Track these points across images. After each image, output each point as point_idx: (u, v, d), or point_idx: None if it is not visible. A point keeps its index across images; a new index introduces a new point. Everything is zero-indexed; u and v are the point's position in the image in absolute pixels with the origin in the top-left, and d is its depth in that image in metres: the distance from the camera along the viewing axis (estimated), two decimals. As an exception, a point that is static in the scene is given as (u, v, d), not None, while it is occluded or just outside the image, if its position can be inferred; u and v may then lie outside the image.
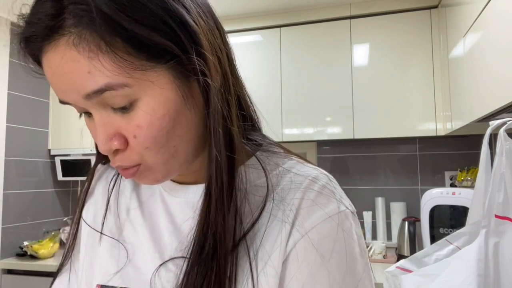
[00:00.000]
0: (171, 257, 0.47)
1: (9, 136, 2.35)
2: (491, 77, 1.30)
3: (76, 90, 0.39)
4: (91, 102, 0.40)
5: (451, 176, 2.30)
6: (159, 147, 0.42)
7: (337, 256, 0.43)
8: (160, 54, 0.40)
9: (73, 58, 0.38)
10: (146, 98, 0.40)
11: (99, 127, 0.41)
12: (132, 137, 0.41)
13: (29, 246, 2.30)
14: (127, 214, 0.54)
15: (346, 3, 2.24)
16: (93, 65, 0.38)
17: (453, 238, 1.07)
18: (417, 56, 2.13)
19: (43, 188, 2.61)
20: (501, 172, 0.92)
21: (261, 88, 2.35)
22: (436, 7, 2.12)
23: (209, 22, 0.45)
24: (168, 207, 0.52)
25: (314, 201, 0.45)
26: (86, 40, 0.37)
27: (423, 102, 2.10)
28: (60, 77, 0.39)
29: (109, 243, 0.53)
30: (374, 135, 2.18)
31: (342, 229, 0.44)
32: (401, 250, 2.10)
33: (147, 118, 0.40)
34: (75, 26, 0.37)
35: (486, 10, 1.33)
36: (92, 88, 0.38)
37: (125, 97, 0.39)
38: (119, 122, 0.41)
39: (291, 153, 0.53)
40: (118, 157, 0.43)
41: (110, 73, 0.38)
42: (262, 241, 0.44)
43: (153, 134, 0.41)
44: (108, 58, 0.38)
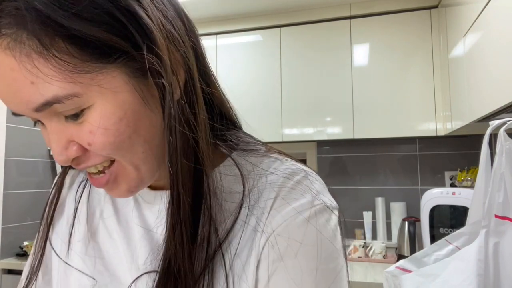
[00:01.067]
0: (144, 268, 0.45)
1: (9, 136, 2.35)
2: (491, 77, 1.30)
3: (23, 103, 0.35)
4: (42, 113, 0.36)
5: (451, 176, 2.30)
6: (124, 152, 0.38)
7: (306, 254, 0.40)
8: (108, 53, 0.35)
9: (11, 66, 0.33)
10: (99, 102, 0.36)
11: (52, 136, 0.38)
12: (86, 144, 0.37)
13: (29, 246, 2.30)
14: (101, 221, 0.51)
15: (346, 3, 2.24)
16: (35, 73, 0.33)
17: (453, 238, 1.07)
18: (417, 56, 2.13)
19: (43, 188, 2.61)
20: (501, 172, 0.92)
21: (261, 88, 2.35)
22: (436, 7, 2.12)
23: (168, 12, 0.40)
24: (142, 214, 0.48)
25: (285, 198, 0.42)
26: (23, 43, 0.33)
27: (423, 102, 2.10)
28: (3, 87, 0.35)
29: (83, 252, 0.49)
30: (374, 135, 2.18)
31: (312, 225, 0.40)
32: (401, 250, 2.10)
33: (102, 124, 0.36)
34: (9, 28, 0.33)
35: (486, 10, 1.33)
36: (39, 102, 0.34)
37: (76, 105, 0.35)
38: (72, 129, 0.37)
39: (271, 149, 0.49)
40: (82, 159, 0.39)
41: (56, 81, 0.34)
42: (237, 251, 0.41)
43: (111, 140, 0.37)
44: (51, 64, 0.33)
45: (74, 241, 0.51)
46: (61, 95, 0.34)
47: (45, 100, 0.34)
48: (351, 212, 2.41)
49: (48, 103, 0.34)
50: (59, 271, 0.50)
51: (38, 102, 0.34)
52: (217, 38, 2.43)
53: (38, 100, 0.34)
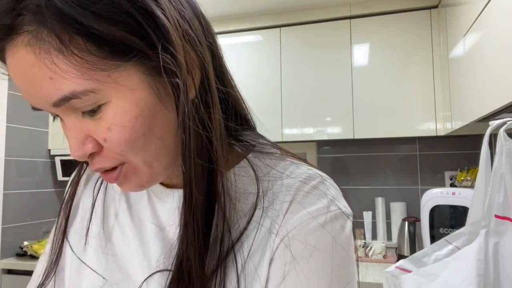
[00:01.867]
0: (158, 265, 0.45)
1: (9, 136, 2.35)
2: (491, 77, 1.30)
3: (42, 97, 0.36)
4: (60, 108, 0.37)
5: (451, 176, 2.30)
6: (137, 150, 0.39)
7: (320, 259, 0.40)
8: (124, 51, 0.36)
9: (32, 62, 0.34)
10: (116, 99, 0.37)
11: (69, 131, 0.39)
12: (102, 140, 0.38)
13: (29, 246, 2.30)
14: (115, 218, 0.51)
15: (346, 3, 2.24)
16: (54, 70, 0.34)
17: (453, 238, 1.07)
18: (417, 56, 2.13)
19: (43, 188, 2.61)
20: (501, 172, 0.92)
21: (261, 88, 2.35)
22: (436, 7, 2.12)
23: (186, 12, 0.40)
24: (156, 211, 0.48)
25: (301, 202, 0.42)
26: (43, 40, 0.34)
27: (423, 102, 2.10)
28: (24, 82, 0.36)
29: (96, 248, 0.50)
30: (374, 135, 2.18)
31: (327, 231, 0.41)
32: (401, 250, 2.10)
33: (118, 121, 0.37)
34: (30, 25, 0.34)
35: (486, 10, 1.33)
36: (57, 97, 0.35)
37: (93, 101, 0.36)
38: (88, 125, 0.38)
39: (287, 153, 0.49)
40: (96, 159, 0.40)
41: (74, 78, 0.35)
42: (250, 253, 0.41)
43: (126, 137, 0.37)
44: (69, 61, 0.34)
45: (88, 237, 0.51)
46: (78, 90, 0.35)
47: (62, 96, 0.35)
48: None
49: (65, 98, 0.35)
50: (71, 269, 0.50)
51: (56, 97, 0.35)
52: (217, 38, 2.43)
53: (56, 95, 0.35)
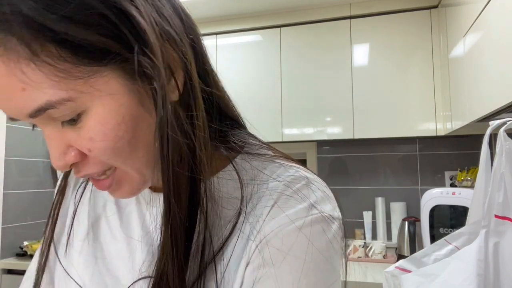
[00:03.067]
0: (140, 274, 0.44)
1: (9, 136, 2.35)
2: (491, 77, 1.30)
3: (17, 109, 0.34)
4: (37, 118, 0.35)
5: (451, 176, 2.30)
6: (124, 158, 0.37)
7: (292, 264, 0.37)
8: (100, 56, 0.33)
9: (1, 73, 0.32)
10: (95, 107, 0.34)
11: (49, 141, 0.37)
12: (86, 150, 0.36)
13: (29, 246, 2.30)
14: (105, 220, 0.50)
15: (346, 3, 2.24)
16: (26, 81, 0.32)
17: (452, 238, 1.07)
18: (417, 56, 2.13)
19: (43, 188, 2.62)
20: (501, 172, 0.92)
21: (261, 88, 2.35)
22: (436, 7, 2.12)
23: (164, 9, 0.38)
24: (143, 215, 0.47)
25: (281, 206, 0.39)
26: (11, 50, 0.31)
27: (423, 102, 2.10)
28: None
29: (84, 251, 0.49)
30: (374, 135, 2.18)
31: (304, 234, 0.38)
32: (401, 250, 2.10)
33: (100, 129, 0.35)
34: None
35: (486, 10, 1.33)
36: (32, 108, 0.33)
37: (71, 110, 0.34)
38: (70, 135, 0.36)
39: (279, 154, 0.47)
40: (81, 167, 0.38)
41: (47, 87, 0.32)
42: (229, 262, 0.39)
43: (110, 146, 0.35)
44: (41, 70, 0.32)
45: (76, 240, 0.50)
46: (53, 100, 0.33)
47: (38, 106, 0.33)
48: (351, 212, 2.40)
49: (41, 109, 0.33)
50: (59, 272, 0.50)
51: (31, 108, 0.33)
52: (217, 38, 2.43)
53: (31, 106, 0.33)
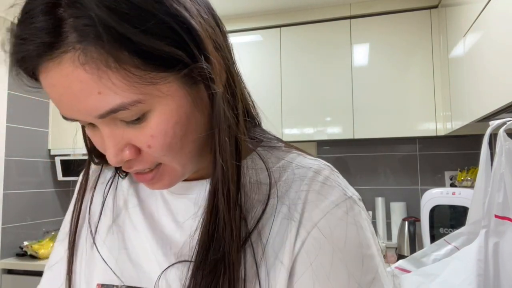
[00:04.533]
0: (177, 257, 0.46)
1: (9, 136, 2.35)
2: (491, 77, 1.30)
3: (87, 111, 0.37)
4: (104, 119, 0.38)
5: (451, 176, 2.30)
6: (174, 153, 0.41)
7: (351, 244, 0.43)
8: (170, 64, 0.37)
9: (80, 78, 0.35)
10: (158, 108, 0.38)
11: (108, 140, 0.40)
12: (146, 147, 0.40)
13: (29, 246, 2.30)
14: (126, 212, 0.53)
15: (346, 3, 2.24)
16: (103, 84, 0.35)
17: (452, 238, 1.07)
18: (417, 56, 2.13)
19: (43, 188, 2.62)
20: (501, 172, 0.92)
21: (261, 88, 2.35)
22: (436, 7, 2.12)
23: (209, 20, 0.43)
24: (169, 205, 0.51)
25: (320, 192, 0.44)
26: (92, 57, 0.35)
27: (423, 102, 2.10)
28: (68, 96, 0.36)
29: (108, 242, 0.52)
30: (374, 135, 2.18)
31: (351, 215, 0.44)
32: (401, 250, 2.10)
33: (161, 128, 0.39)
34: (78, 42, 0.34)
35: (486, 10, 1.33)
36: (104, 109, 0.37)
37: (139, 110, 0.38)
38: (130, 133, 0.40)
39: (291, 146, 0.52)
40: (134, 163, 0.42)
41: (122, 91, 0.36)
42: (268, 239, 0.43)
43: (167, 142, 0.40)
44: (118, 76, 0.35)
45: (99, 232, 0.53)
46: (126, 102, 0.36)
47: (111, 108, 0.36)
48: (351, 212, 2.40)
49: (114, 110, 0.37)
50: (82, 257, 0.53)
51: (104, 110, 0.37)
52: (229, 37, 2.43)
53: (104, 108, 0.36)
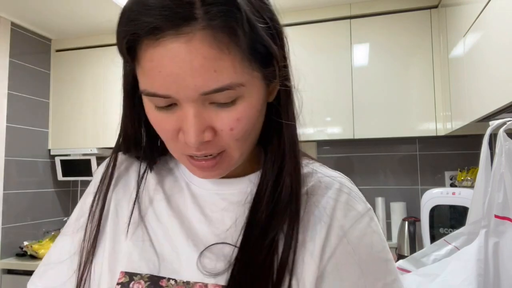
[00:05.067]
0: (224, 238, 0.49)
1: (9, 136, 2.35)
2: (491, 77, 1.30)
3: (195, 87, 0.39)
4: (201, 97, 0.40)
5: (451, 176, 2.30)
6: (245, 139, 0.45)
7: (376, 249, 0.49)
8: (267, 59, 0.43)
9: (204, 55, 0.38)
10: (248, 95, 0.42)
11: (193, 120, 0.41)
12: (228, 129, 0.42)
13: (29, 246, 2.30)
14: (150, 205, 0.54)
15: (346, 3, 2.24)
16: (221, 64, 0.38)
17: (452, 238, 1.07)
18: (417, 56, 2.13)
19: (43, 188, 2.62)
20: (501, 172, 0.92)
21: (261, 88, 2.35)
22: (436, 7, 2.12)
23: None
24: (197, 199, 0.53)
25: (347, 203, 0.50)
26: (219, 38, 0.38)
27: (423, 102, 2.10)
28: (183, 70, 0.38)
29: (132, 232, 0.52)
30: (374, 135, 2.17)
31: (373, 224, 0.50)
32: (401, 250, 2.10)
33: (247, 113, 0.43)
34: (210, 23, 0.37)
35: (486, 10, 1.33)
36: (214, 87, 0.39)
37: (235, 94, 0.41)
38: (214, 115, 0.42)
39: (309, 156, 0.57)
40: (205, 146, 0.43)
41: (234, 73, 0.39)
42: (300, 233, 0.47)
43: (246, 128, 0.43)
44: (234, 59, 0.39)
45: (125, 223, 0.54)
46: (234, 83, 0.40)
47: (219, 86, 0.39)
48: (351, 212, 2.40)
49: (220, 89, 0.39)
50: (106, 244, 0.53)
51: (212, 87, 0.39)
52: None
53: (213, 86, 0.39)
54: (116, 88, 2.53)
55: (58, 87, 2.68)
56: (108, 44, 2.60)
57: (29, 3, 2.21)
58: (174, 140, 0.45)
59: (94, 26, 2.50)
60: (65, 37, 2.69)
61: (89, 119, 2.58)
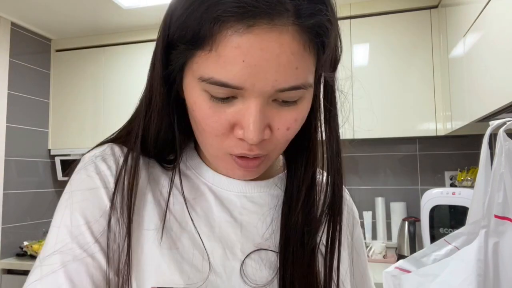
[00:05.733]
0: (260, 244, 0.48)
1: (9, 136, 2.35)
2: (491, 77, 1.30)
3: (275, 81, 0.38)
4: (274, 94, 0.39)
5: (451, 176, 2.30)
6: (288, 141, 0.45)
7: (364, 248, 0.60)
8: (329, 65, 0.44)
9: (292, 50, 0.37)
10: (308, 96, 0.43)
11: (258, 116, 0.39)
12: (285, 129, 0.42)
13: (29, 246, 2.30)
14: (171, 212, 0.47)
15: (346, 3, 2.24)
16: (303, 62, 0.39)
17: (452, 238, 1.07)
18: (417, 56, 2.13)
19: (43, 188, 2.62)
20: (501, 172, 0.92)
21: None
22: (436, 7, 2.12)
23: None
24: (223, 202, 0.49)
25: (352, 207, 0.60)
26: (305, 35, 0.38)
27: (423, 102, 2.10)
28: (268, 63, 0.37)
29: (157, 241, 0.45)
30: (374, 135, 2.17)
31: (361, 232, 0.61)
32: (401, 250, 2.10)
33: (304, 114, 0.43)
34: (300, 18, 0.37)
35: (486, 10, 1.33)
36: (292, 84, 0.39)
37: (302, 94, 0.41)
38: (276, 114, 0.41)
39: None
40: (258, 145, 0.42)
41: (311, 73, 0.40)
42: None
43: (297, 128, 0.44)
44: (313, 60, 0.40)
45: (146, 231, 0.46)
46: (308, 83, 0.40)
47: (297, 84, 0.39)
48: (351, 212, 2.40)
49: (296, 87, 0.39)
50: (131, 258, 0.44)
51: (290, 84, 0.39)
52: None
53: (292, 83, 0.39)
54: (116, 88, 2.54)
55: (58, 87, 2.68)
56: (108, 44, 2.60)
57: (29, 3, 2.21)
58: (224, 136, 0.41)
59: (94, 26, 2.50)
60: (65, 37, 2.69)
61: (89, 119, 2.58)
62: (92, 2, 2.19)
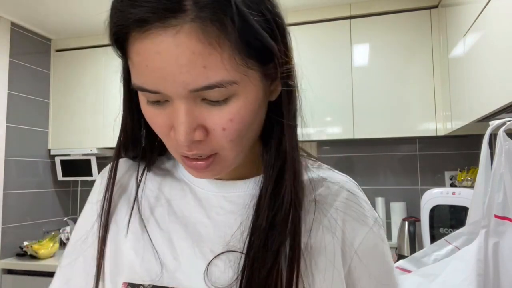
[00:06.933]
0: (214, 252, 0.46)
1: (9, 136, 2.35)
2: (491, 77, 1.30)
3: (183, 83, 0.37)
4: (191, 95, 0.38)
5: (451, 176, 2.30)
6: (239, 140, 0.42)
7: (384, 259, 0.51)
8: (266, 57, 0.41)
9: (192, 49, 0.35)
10: (243, 94, 0.40)
11: (184, 118, 0.39)
12: (220, 129, 0.40)
13: (29, 246, 2.30)
14: (150, 211, 0.51)
15: (346, 3, 2.24)
16: (211, 60, 0.36)
17: (452, 238, 1.07)
18: (417, 56, 2.13)
19: (43, 188, 2.61)
20: (501, 172, 0.92)
21: (261, 88, 2.35)
22: (436, 7, 2.12)
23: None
24: (201, 202, 0.50)
25: (357, 213, 0.50)
26: (208, 33, 0.35)
27: (423, 102, 2.10)
28: (170, 66, 0.36)
29: (133, 240, 0.49)
30: (374, 135, 2.17)
31: (381, 237, 0.51)
32: (401, 250, 2.10)
33: (241, 113, 0.40)
34: (198, 16, 0.35)
35: (486, 10, 1.33)
36: (203, 84, 0.37)
37: (229, 92, 0.39)
38: (206, 114, 0.40)
39: (307, 153, 0.55)
40: (196, 146, 0.41)
41: (225, 70, 0.37)
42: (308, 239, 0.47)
43: (240, 128, 0.41)
44: (226, 55, 0.37)
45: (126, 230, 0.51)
46: (225, 80, 0.37)
47: (209, 83, 0.37)
48: (351, 212, 2.40)
49: (210, 87, 0.37)
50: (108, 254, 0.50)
51: (201, 84, 0.37)
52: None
53: (202, 83, 0.37)
54: (116, 88, 2.54)
55: (58, 87, 2.68)
56: (108, 44, 2.60)
57: (29, 3, 2.21)
58: (169, 137, 0.43)
59: (94, 26, 2.50)
60: (65, 37, 2.69)
61: (89, 119, 2.58)
62: (92, 2, 2.19)
